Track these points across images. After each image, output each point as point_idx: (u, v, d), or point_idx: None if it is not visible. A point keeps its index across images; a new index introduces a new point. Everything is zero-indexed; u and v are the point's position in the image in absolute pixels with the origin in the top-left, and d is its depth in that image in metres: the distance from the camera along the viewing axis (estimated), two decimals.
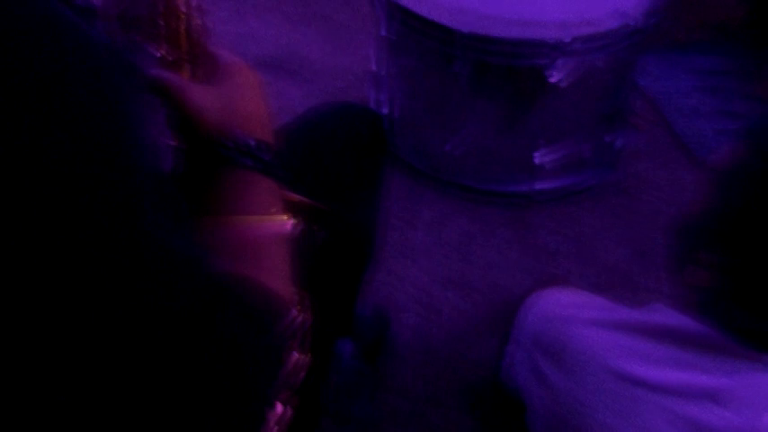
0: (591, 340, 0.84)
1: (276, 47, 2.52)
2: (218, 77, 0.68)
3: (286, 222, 0.62)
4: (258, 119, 0.67)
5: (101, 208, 0.41)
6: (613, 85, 1.86)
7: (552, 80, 1.68)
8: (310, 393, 0.73)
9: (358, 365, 1.47)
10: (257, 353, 0.52)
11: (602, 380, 0.81)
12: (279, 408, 0.65)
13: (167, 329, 0.44)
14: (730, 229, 0.75)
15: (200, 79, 0.69)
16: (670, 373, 0.78)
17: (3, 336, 0.39)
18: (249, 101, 0.68)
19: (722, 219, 0.77)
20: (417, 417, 1.48)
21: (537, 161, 1.85)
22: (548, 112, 1.79)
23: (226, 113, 0.65)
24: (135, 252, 0.43)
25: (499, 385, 1.13)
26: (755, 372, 0.76)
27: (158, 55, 0.68)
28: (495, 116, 1.82)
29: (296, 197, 0.69)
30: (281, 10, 2.72)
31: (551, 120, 1.81)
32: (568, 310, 0.93)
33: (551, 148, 1.86)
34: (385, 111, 2.04)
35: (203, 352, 0.46)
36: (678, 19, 2.36)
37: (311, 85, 2.34)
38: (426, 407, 1.50)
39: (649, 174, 2.06)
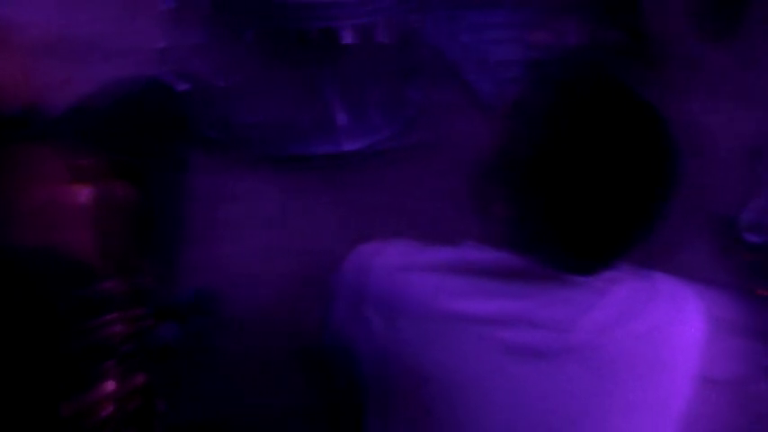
0: (411, 285, 0.88)
1: (56, 30, 2.34)
2: None
3: (79, 190, 0.59)
4: (16, 87, 0.63)
5: None
6: (405, 43, 1.92)
7: (344, 41, 1.71)
8: (143, 386, 0.72)
9: (183, 348, 1.45)
10: (61, 321, 0.50)
11: (425, 320, 0.85)
12: (110, 384, 0.63)
13: None
14: (521, 166, 0.82)
15: None
16: (486, 304, 0.84)
17: None
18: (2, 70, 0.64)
19: (512, 157, 0.83)
20: (251, 388, 1.48)
21: (340, 123, 1.88)
22: (344, 73, 1.82)
23: None
24: None
25: (330, 344, 1.15)
26: (563, 291, 0.83)
27: None
28: (293, 82, 1.83)
29: (87, 162, 0.66)
30: None
31: (349, 81, 1.84)
32: (387, 260, 0.96)
33: (353, 108, 1.90)
34: (183, 87, 1.98)
35: None
36: None
37: (101, 68, 2.20)
38: (260, 377, 1.50)
39: (450, 126, 2.16)
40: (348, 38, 1.71)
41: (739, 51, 2.49)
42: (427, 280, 0.89)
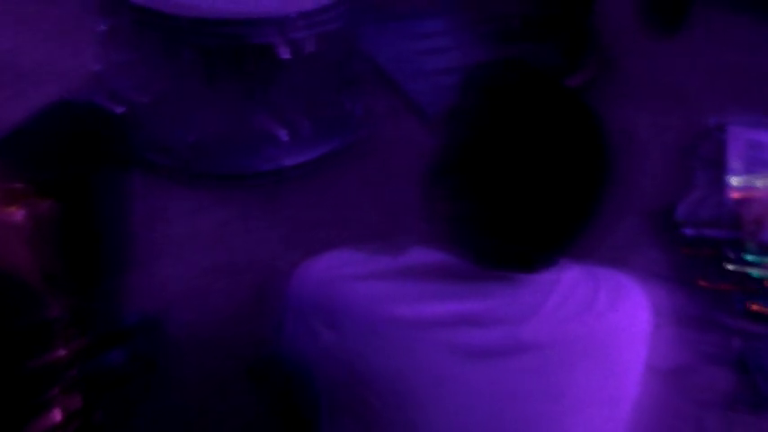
0: (359, 294, 0.88)
1: None
2: None
3: (14, 213, 0.58)
4: None
5: None
6: (342, 55, 1.93)
7: (283, 56, 1.71)
8: (87, 406, 0.70)
9: (132, 374, 1.41)
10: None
11: (372, 328, 0.85)
12: (56, 413, 0.62)
13: None
14: (457, 169, 0.83)
15: None
16: (432, 307, 0.84)
17: None
18: None
19: (449, 160, 0.85)
20: (203, 410, 1.45)
21: (282, 138, 1.87)
22: (283, 88, 1.81)
23: None
24: None
25: (280, 359, 1.14)
26: (509, 289, 0.84)
27: None
28: (232, 100, 1.82)
29: (21, 186, 0.64)
30: None
31: (288, 95, 1.84)
32: (335, 271, 0.96)
33: (293, 123, 1.89)
34: (118, 109, 1.94)
35: None
36: None
37: (34, 92, 2.14)
38: (212, 398, 1.47)
39: (389, 135, 2.17)
40: (285, 53, 1.71)
41: (675, 51, 2.57)
42: (372, 287, 0.89)
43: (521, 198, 0.79)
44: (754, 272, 1.78)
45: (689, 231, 1.93)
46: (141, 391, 1.43)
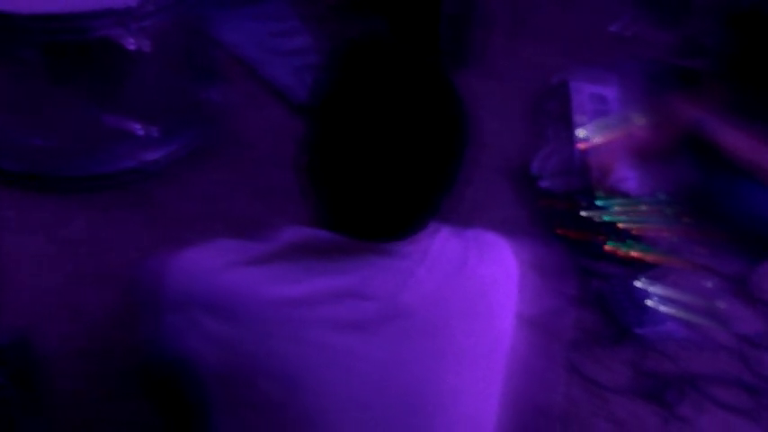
0: (238, 281, 0.88)
1: None
2: None
3: None
4: None
5: None
6: (193, 43, 1.88)
7: (131, 48, 1.65)
8: None
9: (9, 395, 1.34)
10: None
11: (258, 313, 0.86)
12: None
13: None
14: (325, 145, 0.85)
15: None
16: (308, 285, 0.85)
17: None
18: None
19: (316, 138, 0.86)
20: (87, 422, 1.41)
21: (140, 132, 1.82)
22: (136, 81, 1.75)
23: None
24: None
25: (163, 358, 1.12)
26: (383, 260, 0.86)
27: None
28: (83, 97, 1.74)
29: None
30: None
31: (142, 88, 1.78)
32: (208, 263, 0.95)
33: (150, 115, 1.84)
34: None
35: None
36: None
37: None
38: (94, 408, 1.43)
39: (252, 122, 2.16)
40: (131, 44, 1.65)
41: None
42: (250, 273, 0.89)
43: (382, 169, 0.81)
44: (606, 216, 1.90)
45: (543, 184, 2.03)
46: (20, 410, 1.36)
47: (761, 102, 1.83)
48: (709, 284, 1.86)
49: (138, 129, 1.81)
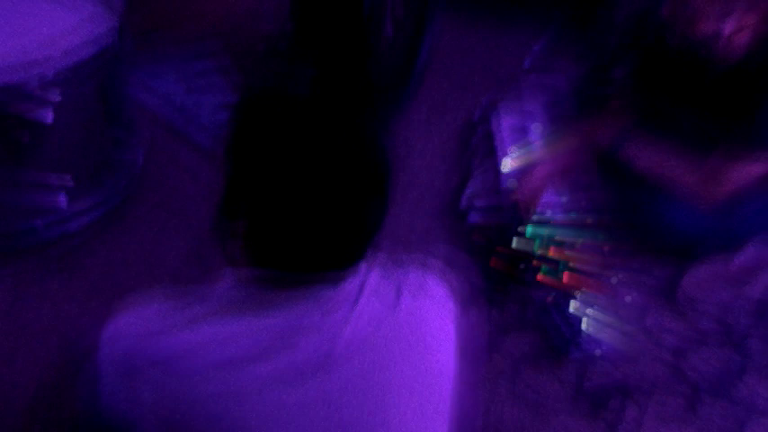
0: (172, 346, 0.86)
1: None
2: None
3: None
4: None
5: None
6: (108, 106, 1.86)
7: (47, 120, 1.62)
8: None
9: None
10: None
11: (197, 378, 0.84)
12: None
13: None
14: (243, 193, 0.86)
15: None
16: (249, 341, 0.83)
17: None
18: None
19: (233, 187, 0.87)
20: None
21: (59, 194, 1.77)
22: (53, 148, 1.72)
23: None
24: None
25: (102, 425, 1.08)
26: (317, 305, 0.86)
27: None
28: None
29: None
30: None
31: (59, 155, 1.74)
32: (142, 327, 0.93)
33: (71, 178, 1.79)
34: None
35: None
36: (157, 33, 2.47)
37: None
38: None
39: (172, 178, 2.14)
40: (48, 115, 1.62)
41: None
42: (187, 337, 0.88)
43: (292, 216, 0.83)
44: (536, 245, 1.92)
45: (473, 218, 2.06)
46: None
47: (666, 117, 1.90)
48: (639, 299, 1.91)
49: (57, 191, 1.77)
